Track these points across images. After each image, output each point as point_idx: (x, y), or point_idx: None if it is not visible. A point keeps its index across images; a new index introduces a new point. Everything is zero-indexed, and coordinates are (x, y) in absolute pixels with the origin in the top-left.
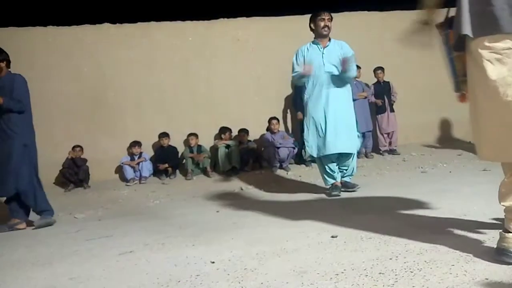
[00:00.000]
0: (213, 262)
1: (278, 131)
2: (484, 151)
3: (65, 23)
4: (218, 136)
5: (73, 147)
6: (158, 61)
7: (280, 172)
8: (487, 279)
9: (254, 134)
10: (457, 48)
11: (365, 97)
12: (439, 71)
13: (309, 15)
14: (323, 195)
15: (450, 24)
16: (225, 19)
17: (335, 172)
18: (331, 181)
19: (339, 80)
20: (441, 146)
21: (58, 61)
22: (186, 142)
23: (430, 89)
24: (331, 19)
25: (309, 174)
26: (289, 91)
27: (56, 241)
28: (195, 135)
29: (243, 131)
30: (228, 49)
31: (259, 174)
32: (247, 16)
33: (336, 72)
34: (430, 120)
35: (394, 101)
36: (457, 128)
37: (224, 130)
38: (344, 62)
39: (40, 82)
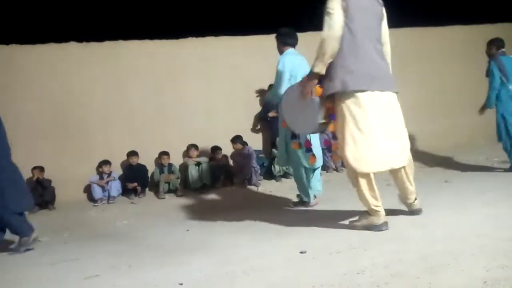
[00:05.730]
0: (181, 284)
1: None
2: None
3: (29, 41)
4: (186, 154)
5: (37, 168)
6: (126, 80)
7: (250, 188)
8: None
9: (225, 151)
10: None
11: None
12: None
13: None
14: (293, 209)
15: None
16: (194, 38)
17: None
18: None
19: None
20: None
21: (22, 80)
22: (157, 161)
23: None
24: None
25: (279, 189)
26: (257, 108)
27: (18, 266)
28: (167, 153)
29: (216, 148)
30: (197, 67)
31: (230, 190)
32: (215, 35)
33: None
34: None
35: None
36: (421, 142)
37: (190, 147)
38: None
39: (1, 102)
